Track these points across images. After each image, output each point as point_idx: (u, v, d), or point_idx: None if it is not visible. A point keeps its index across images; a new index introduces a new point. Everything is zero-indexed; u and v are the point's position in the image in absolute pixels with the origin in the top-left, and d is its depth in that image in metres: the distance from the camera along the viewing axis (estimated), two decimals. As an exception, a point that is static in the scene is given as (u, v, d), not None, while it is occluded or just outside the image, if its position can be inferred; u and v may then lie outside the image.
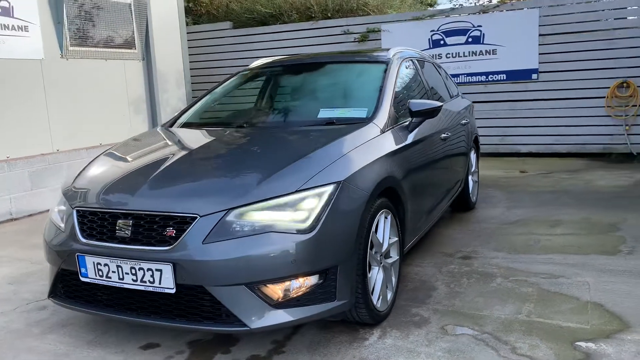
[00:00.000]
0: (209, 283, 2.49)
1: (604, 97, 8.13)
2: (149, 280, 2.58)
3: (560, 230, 4.69)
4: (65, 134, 7.03)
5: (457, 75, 8.76)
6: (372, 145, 3.15)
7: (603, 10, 8.15)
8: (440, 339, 2.81)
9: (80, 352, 2.86)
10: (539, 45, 8.39)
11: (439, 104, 3.71)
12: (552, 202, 5.72)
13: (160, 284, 2.56)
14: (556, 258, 3.97)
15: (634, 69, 7.93)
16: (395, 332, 2.93)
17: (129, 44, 8.16)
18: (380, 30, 9.26)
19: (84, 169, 3.30)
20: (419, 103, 3.68)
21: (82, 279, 2.76)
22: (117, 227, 2.68)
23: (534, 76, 8.49)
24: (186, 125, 3.93)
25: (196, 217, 2.55)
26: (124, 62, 8.12)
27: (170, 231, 2.57)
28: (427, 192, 3.89)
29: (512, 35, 8.48)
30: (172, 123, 4.07)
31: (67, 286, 2.92)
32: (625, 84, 7.98)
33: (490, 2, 9.13)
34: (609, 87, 8.07)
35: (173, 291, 2.54)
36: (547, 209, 5.44)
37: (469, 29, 8.75)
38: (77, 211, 2.85)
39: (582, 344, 2.68)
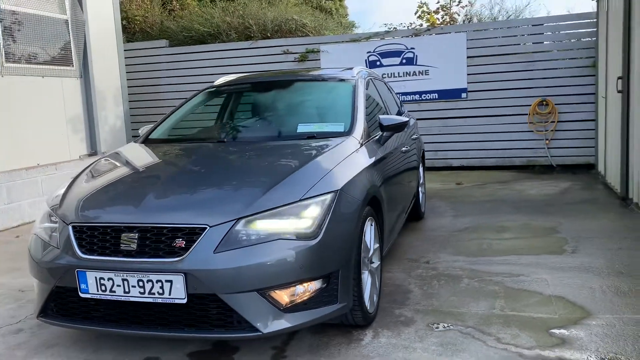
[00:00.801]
0: (222, 291, 2.57)
1: (527, 114, 8.85)
2: (157, 292, 2.61)
3: (507, 235, 5.10)
4: (1, 154, 6.70)
5: (393, 94, 9.20)
6: (356, 157, 3.35)
7: (522, 35, 8.92)
8: (430, 335, 3.03)
9: (77, 370, 2.82)
10: (467, 66, 9.02)
11: (406, 119, 3.99)
12: (493, 210, 6.18)
13: (170, 294, 2.60)
14: (511, 259, 4.34)
15: (551, 89, 8.72)
16: (386, 331, 3.11)
17: (66, 61, 7.94)
18: (319, 51, 9.57)
19: (70, 185, 3.26)
20: (389, 118, 3.95)
21: (82, 295, 2.74)
22: (121, 241, 2.69)
23: (464, 95, 9.10)
24: (165, 141, 3.97)
25: (206, 228, 2.63)
26: (62, 79, 7.87)
27: (180, 242, 2.63)
28: (397, 202, 4.14)
29: (443, 57, 9.06)
30: (145, 139, 4.07)
31: (61, 304, 2.87)
32: (544, 102, 8.75)
33: (422, 26, 9.66)
34: (530, 105, 8.81)
35: (184, 301, 2.59)
36: (490, 216, 5.88)
37: (403, 51, 9.25)
38: (74, 227, 2.82)
39: (556, 331, 3.00)
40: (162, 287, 2.60)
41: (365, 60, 9.39)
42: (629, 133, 6.11)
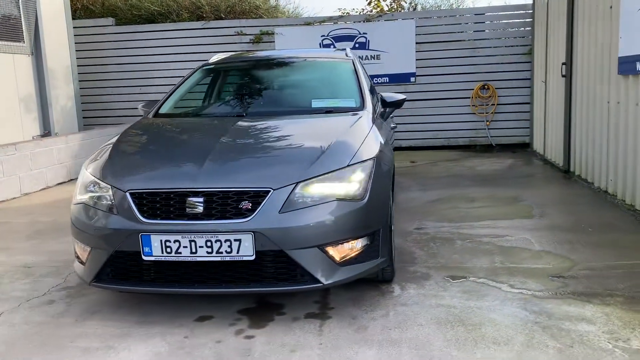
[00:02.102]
0: (288, 247, 2.81)
1: (470, 98, 9.54)
2: (225, 251, 2.81)
3: (477, 204, 5.64)
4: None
5: (347, 77, 9.56)
6: (375, 129, 3.67)
7: (466, 23, 9.57)
8: (450, 286, 3.43)
9: (139, 331, 2.95)
10: (416, 52, 9.55)
11: (404, 96, 4.36)
12: (454, 184, 6.73)
13: (238, 252, 2.80)
14: (490, 223, 4.85)
15: (492, 74, 9.45)
16: (410, 285, 3.48)
17: (17, 37, 7.61)
18: (273, 33, 9.73)
19: (110, 155, 3.32)
20: (391, 95, 4.30)
21: (145, 258, 2.87)
22: (186, 205, 2.85)
23: (412, 79, 9.63)
24: (181, 115, 4.08)
25: (269, 191, 2.85)
26: (13, 56, 7.55)
27: (247, 204, 2.83)
28: (394, 170, 4.52)
29: (394, 43, 9.54)
30: (155, 114, 4.16)
31: (119, 268, 2.98)
32: (486, 86, 9.47)
33: (372, 12, 10.07)
34: (473, 89, 9.50)
35: (252, 258, 2.81)
36: (454, 189, 6.41)
37: (356, 36, 9.63)
38: (132, 194, 2.94)
39: (555, 277, 3.50)
40: (230, 246, 2.80)
41: (320, 43, 9.67)
42: (571, 114, 6.86)
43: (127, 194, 2.95)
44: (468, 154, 9.12)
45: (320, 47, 9.66)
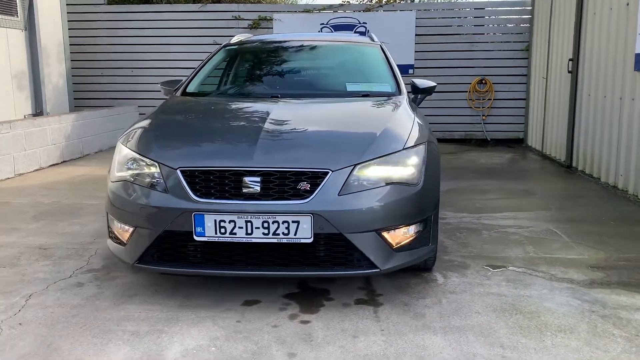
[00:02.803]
0: (347, 230, 2.73)
1: (467, 92, 9.57)
2: (283, 233, 2.70)
3: (491, 196, 5.64)
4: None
5: (346, 66, 9.48)
6: (417, 114, 3.61)
7: (466, 17, 9.59)
8: (492, 275, 3.40)
9: (186, 315, 2.82)
10: (415, 44, 9.52)
11: (435, 83, 4.31)
12: (461, 176, 6.73)
13: (295, 234, 2.71)
14: (509, 215, 4.85)
15: (490, 69, 9.50)
16: (451, 273, 3.43)
17: (10, 10, 7.27)
18: (272, 19, 9.56)
19: (152, 129, 3.17)
20: (423, 82, 4.24)
21: (197, 239, 2.75)
22: (243, 185, 2.74)
23: (411, 71, 9.60)
24: (212, 94, 3.94)
25: (328, 172, 2.76)
26: (7, 30, 7.21)
27: (306, 185, 2.73)
28: None
29: (393, 34, 9.47)
30: (183, 92, 4.01)
31: (167, 249, 2.85)
32: (483, 81, 9.52)
33: (372, 2, 10.00)
34: (470, 83, 9.53)
35: (310, 240, 2.71)
36: (463, 181, 6.41)
37: (355, 25, 9.54)
38: (183, 172, 2.80)
39: (594, 268, 3.50)
40: (287, 228, 2.70)
41: (319, 31, 9.54)
42: (575, 110, 6.93)
43: (178, 171, 2.81)
44: (465, 148, 9.16)
45: (320, 35, 9.53)
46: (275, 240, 2.72)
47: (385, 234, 2.82)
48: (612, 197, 5.50)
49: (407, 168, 2.95)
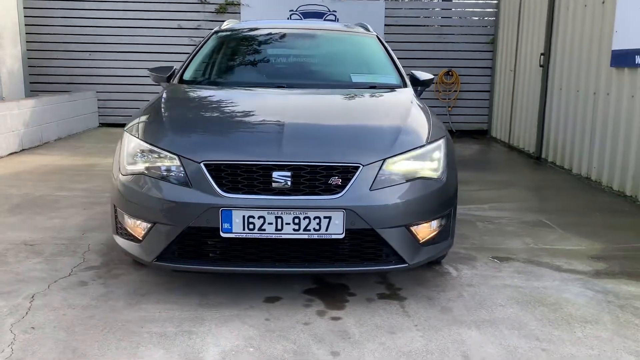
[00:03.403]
0: (378, 226, 2.69)
1: (434, 83, 9.69)
2: (314, 228, 2.64)
3: (472, 187, 5.74)
4: None
5: (315, 55, 9.40)
6: (427, 107, 3.60)
7: (434, 9, 9.69)
8: (501, 266, 3.46)
9: (210, 314, 2.71)
10: (385, 34, 9.53)
11: (432, 75, 4.32)
12: (437, 167, 6.81)
13: (327, 230, 2.64)
14: (497, 206, 4.95)
15: (456, 60, 9.67)
16: (461, 266, 3.46)
17: (-36, -14, 6.75)
18: (239, 4, 9.34)
19: (164, 119, 3.01)
20: (422, 74, 4.23)
21: (223, 235, 2.64)
22: (272, 179, 2.64)
23: (379, 61, 9.61)
24: (214, 83, 3.80)
25: (359, 167, 2.70)
26: (-40, 7, 6.70)
27: (337, 180, 2.67)
28: None
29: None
30: (180, 80, 3.84)
31: (190, 245, 2.72)
32: (450, 72, 9.67)
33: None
34: (437, 75, 9.66)
35: (341, 236, 2.66)
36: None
37: (325, 13, 9.46)
38: (207, 165, 2.68)
39: (595, 259, 3.62)
40: (319, 224, 2.63)
41: (288, 18, 9.41)
42: (545, 104, 7.15)
43: (202, 165, 2.68)
44: (432, 138, 9.28)
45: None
46: (305, 237, 2.65)
47: (413, 229, 2.81)
48: (588, 188, 5.72)
49: (433, 162, 2.94)
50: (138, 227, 2.82)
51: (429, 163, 2.92)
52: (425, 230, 2.87)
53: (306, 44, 4.34)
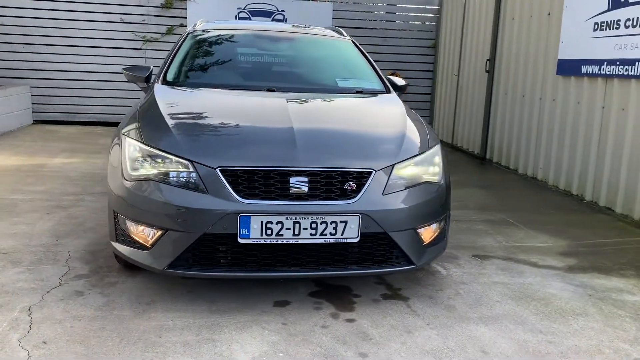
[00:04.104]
0: (390, 229, 2.79)
1: (379, 84, 9.94)
2: (330, 233, 2.69)
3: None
4: None
5: (264, 54, 9.37)
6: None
7: (380, 12, 9.93)
8: (484, 264, 3.66)
9: (226, 320, 2.70)
10: (331, 35, 9.66)
11: (406, 82, 4.49)
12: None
13: (342, 234, 2.71)
14: (459, 205, 5.16)
15: (400, 63, 9.97)
16: (448, 265, 3.64)
17: None
18: (186, 0, 9.13)
19: (169, 123, 2.94)
20: (398, 80, 4.39)
21: (241, 241, 2.64)
22: (290, 185, 2.67)
23: (326, 61, 9.74)
24: (202, 84, 3.74)
25: (372, 172, 2.79)
26: None
27: (352, 185, 2.74)
28: None
29: (310, 24, 9.50)
30: (164, 81, 3.75)
31: (205, 252, 2.70)
32: (395, 75, 9.94)
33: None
34: (382, 76, 9.91)
35: (356, 240, 2.73)
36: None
37: (274, 12, 9.45)
38: (223, 171, 2.66)
39: (563, 254, 3.92)
40: (335, 228, 2.69)
41: (236, 16, 9.32)
42: (490, 107, 7.56)
43: (218, 171, 2.66)
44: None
45: (237, 19, 9.30)
46: (322, 241, 2.70)
47: (420, 231, 2.93)
48: (536, 187, 6.13)
49: (434, 167, 3.08)
50: (146, 234, 2.75)
51: (431, 168, 3.06)
52: (429, 232, 3.00)
53: (289, 47, 4.36)
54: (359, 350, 2.48)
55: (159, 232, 2.71)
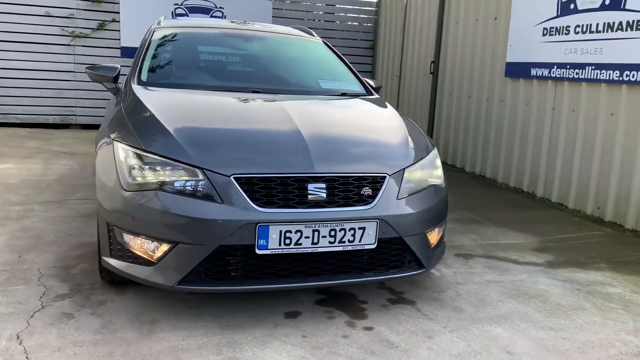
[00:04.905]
0: (405, 234, 2.76)
1: (319, 84, 9.92)
2: (348, 240, 2.63)
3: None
4: None
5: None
6: (399, 115, 3.75)
7: (318, 12, 9.91)
8: (470, 263, 3.74)
9: (241, 336, 2.55)
10: (271, 33, 9.53)
11: (380, 84, 4.50)
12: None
13: (360, 241, 2.65)
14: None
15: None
16: (439, 265, 3.65)
17: None
18: (119, -6, 8.65)
19: (169, 128, 2.72)
20: (373, 81, 4.39)
21: (259, 252, 2.51)
22: (308, 192, 2.57)
23: (266, 61, 9.59)
24: (185, 85, 3.53)
25: (386, 177, 2.75)
26: None
27: (368, 191, 2.69)
28: None
29: (251, 21, 9.33)
30: (140, 82, 3.50)
31: (219, 265, 2.53)
32: (334, 75, 9.97)
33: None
34: (322, 76, 9.91)
35: (374, 246, 2.68)
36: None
37: (212, 9, 9.17)
38: (237, 179, 2.52)
39: (538, 251, 4.08)
40: (353, 235, 2.63)
41: (172, 12, 8.96)
42: (435, 108, 7.77)
43: (232, 178, 2.51)
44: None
45: (173, 16, 8.93)
46: (340, 248, 2.63)
47: (428, 235, 2.93)
48: (486, 185, 6.37)
49: (437, 170, 3.09)
50: (150, 248, 2.55)
51: (435, 171, 3.07)
52: (435, 236, 3.01)
53: (266, 48, 4.22)
54: (389, 359, 2.43)
55: (167, 246, 2.51)
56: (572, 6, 5.20)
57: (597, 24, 4.90)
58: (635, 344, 2.68)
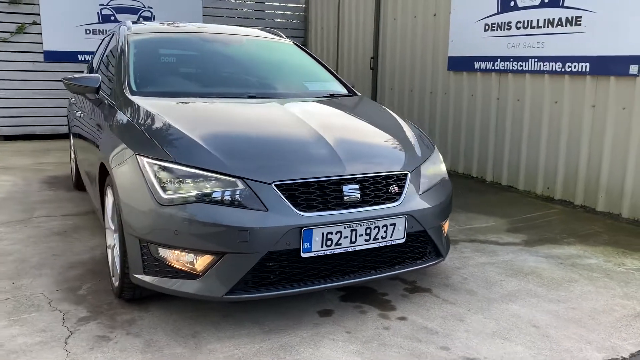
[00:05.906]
0: (428, 227, 2.94)
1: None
2: (381, 237, 2.76)
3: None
4: None
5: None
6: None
7: (250, 10, 9.86)
8: (458, 247, 4.00)
9: (288, 339, 2.60)
10: (202, 33, 9.36)
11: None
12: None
13: (391, 237, 2.79)
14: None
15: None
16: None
17: None
18: (39, -5, 8.12)
19: (197, 139, 2.69)
20: (350, 80, 4.53)
21: (304, 255, 2.58)
22: (344, 193, 2.67)
23: (198, 61, 9.42)
24: (182, 93, 3.46)
25: (407, 174, 2.92)
26: None
27: (395, 188, 2.83)
28: None
29: (180, 20, 9.09)
30: (132, 92, 3.39)
31: (265, 272, 2.57)
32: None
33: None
34: (256, 74, 9.89)
35: (403, 240, 2.84)
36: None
37: (140, 9, 8.85)
38: (279, 186, 2.57)
39: (511, 232, 4.43)
40: (385, 231, 2.76)
41: (98, 12, 8.56)
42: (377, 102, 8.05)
43: (273, 186, 2.55)
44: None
45: (99, 16, 8.54)
46: (375, 245, 2.75)
47: (443, 226, 3.13)
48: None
49: (442, 165, 3.30)
50: (192, 261, 2.54)
51: (440, 166, 3.27)
52: (446, 226, 3.22)
53: (247, 51, 4.21)
54: (438, 344, 2.59)
55: (211, 257, 2.51)
56: (512, 3, 5.62)
57: (538, 20, 5.35)
58: (632, 307, 3.04)
